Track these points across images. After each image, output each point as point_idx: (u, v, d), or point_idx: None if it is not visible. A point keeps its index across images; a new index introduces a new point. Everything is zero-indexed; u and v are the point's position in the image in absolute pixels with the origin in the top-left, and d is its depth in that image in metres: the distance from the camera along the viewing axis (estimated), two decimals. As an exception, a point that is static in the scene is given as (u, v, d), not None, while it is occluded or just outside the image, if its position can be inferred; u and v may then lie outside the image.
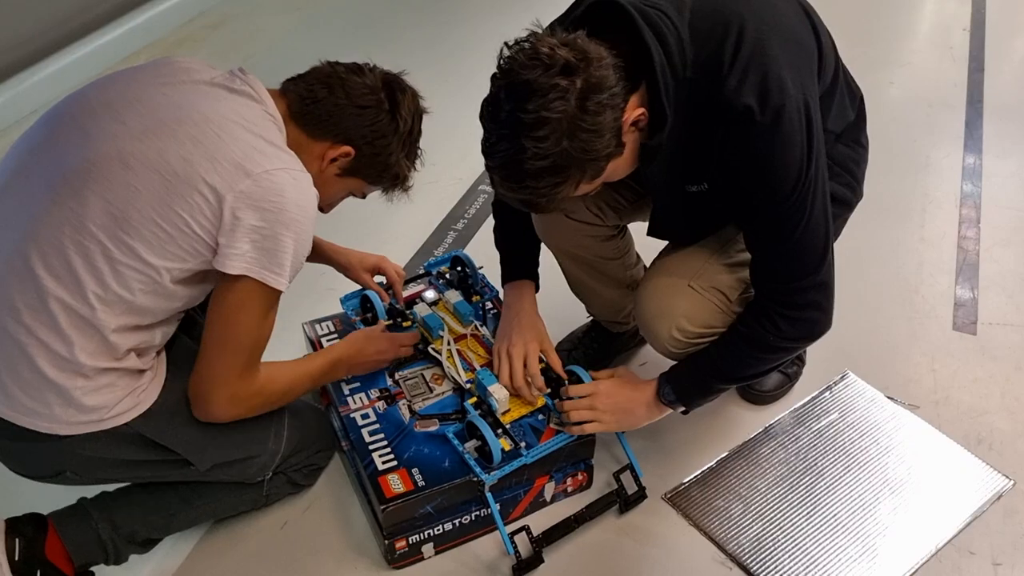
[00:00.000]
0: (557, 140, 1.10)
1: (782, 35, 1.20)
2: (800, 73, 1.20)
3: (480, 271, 1.81)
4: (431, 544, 1.46)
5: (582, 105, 1.10)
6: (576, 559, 1.47)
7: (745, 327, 1.36)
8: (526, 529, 1.44)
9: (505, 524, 1.46)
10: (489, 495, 1.42)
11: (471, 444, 1.45)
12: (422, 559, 1.47)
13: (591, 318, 1.83)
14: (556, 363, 1.56)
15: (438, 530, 1.45)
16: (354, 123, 1.32)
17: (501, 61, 1.15)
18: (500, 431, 1.46)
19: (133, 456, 1.30)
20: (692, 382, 1.43)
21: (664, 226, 1.45)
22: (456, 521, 1.46)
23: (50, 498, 1.39)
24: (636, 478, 1.55)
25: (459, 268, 1.83)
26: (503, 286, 1.65)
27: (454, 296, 1.75)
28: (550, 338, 1.59)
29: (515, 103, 1.11)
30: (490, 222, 2.27)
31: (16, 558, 1.29)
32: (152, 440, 1.29)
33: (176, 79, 1.26)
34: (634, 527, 1.53)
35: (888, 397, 1.76)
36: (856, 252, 2.08)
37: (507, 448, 1.44)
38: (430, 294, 1.77)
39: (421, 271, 1.86)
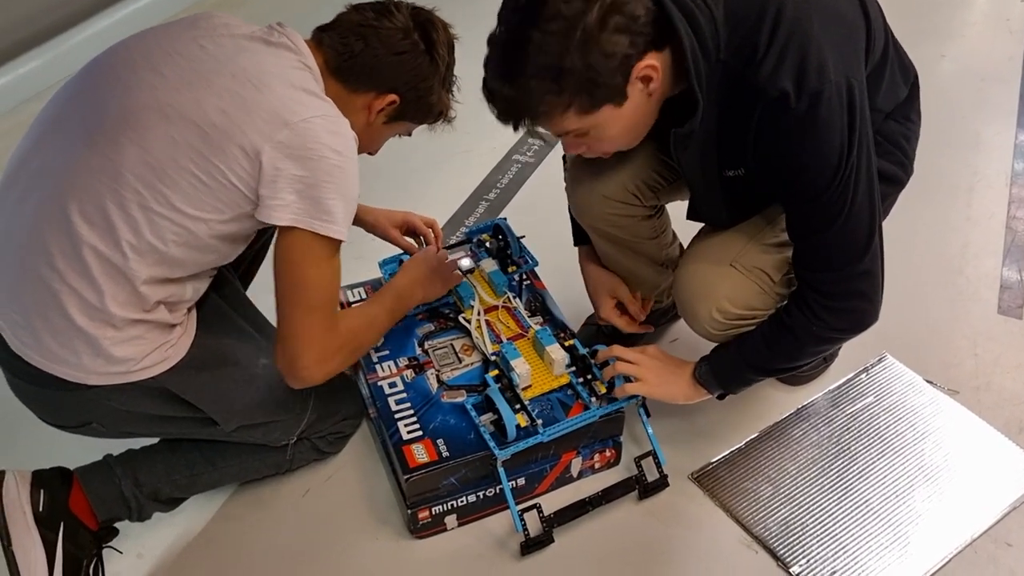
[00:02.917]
0: (565, 42, 1.06)
1: (825, 13, 1.14)
2: (843, 55, 1.14)
3: (522, 240, 1.78)
4: (454, 516, 1.45)
5: (603, 18, 1.06)
6: (591, 539, 1.45)
7: (789, 318, 1.31)
8: (537, 507, 1.43)
9: (530, 499, 1.46)
10: (501, 471, 1.40)
11: (487, 417, 1.43)
12: (445, 530, 1.47)
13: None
14: (635, 308, 1.61)
15: (462, 502, 1.44)
16: (395, 71, 1.31)
17: None
18: (518, 407, 1.44)
19: (159, 411, 1.31)
20: (730, 367, 1.39)
21: (703, 210, 1.41)
22: (480, 494, 1.45)
23: (79, 454, 1.41)
24: (658, 465, 1.52)
25: (499, 237, 1.80)
26: (576, 246, 1.68)
27: (490, 265, 1.72)
28: (623, 287, 1.63)
29: None
30: (523, 193, 2.27)
31: (40, 510, 1.30)
32: (178, 396, 1.30)
33: (215, 33, 1.25)
34: (659, 507, 1.50)
35: (927, 381, 1.71)
36: (899, 231, 2.01)
37: (523, 424, 1.42)
38: (466, 262, 1.73)
39: (462, 237, 1.83)
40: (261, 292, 1.48)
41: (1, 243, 1.24)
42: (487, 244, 1.80)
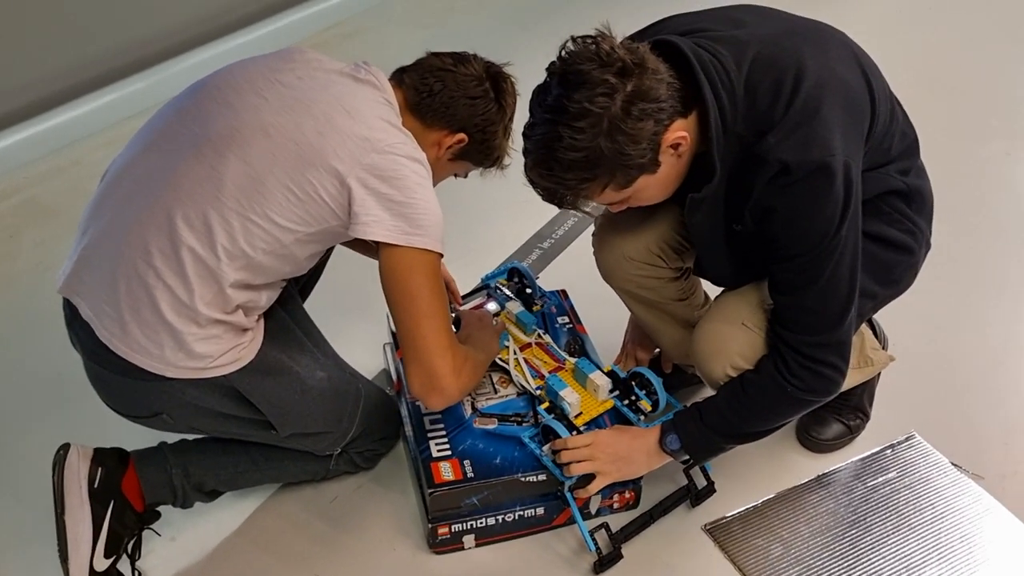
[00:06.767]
0: (594, 136, 1.16)
1: (837, 95, 1.23)
2: (847, 138, 1.23)
3: (537, 281, 1.86)
4: (472, 535, 1.52)
5: (626, 108, 1.16)
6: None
7: (759, 375, 1.38)
8: (605, 526, 1.50)
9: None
10: (569, 495, 1.49)
11: (549, 447, 1.50)
12: (462, 548, 1.53)
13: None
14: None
15: (481, 523, 1.51)
16: (467, 113, 1.44)
17: (563, 52, 1.22)
18: (575, 433, 1.52)
19: (225, 409, 1.40)
20: (697, 435, 1.44)
21: (708, 265, 1.51)
22: (500, 517, 1.51)
23: (134, 438, 1.52)
24: (705, 473, 1.60)
25: (517, 279, 1.89)
26: None
27: (515, 307, 1.80)
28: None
29: (563, 90, 1.18)
30: (575, 245, 2.35)
31: (96, 486, 1.41)
32: (243, 397, 1.39)
33: (308, 66, 1.40)
34: (669, 555, 1.55)
35: (952, 464, 1.72)
36: (942, 315, 2.05)
37: None
38: (492, 306, 1.82)
39: (479, 284, 1.89)
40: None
41: (101, 240, 1.35)
42: (503, 289, 1.88)
